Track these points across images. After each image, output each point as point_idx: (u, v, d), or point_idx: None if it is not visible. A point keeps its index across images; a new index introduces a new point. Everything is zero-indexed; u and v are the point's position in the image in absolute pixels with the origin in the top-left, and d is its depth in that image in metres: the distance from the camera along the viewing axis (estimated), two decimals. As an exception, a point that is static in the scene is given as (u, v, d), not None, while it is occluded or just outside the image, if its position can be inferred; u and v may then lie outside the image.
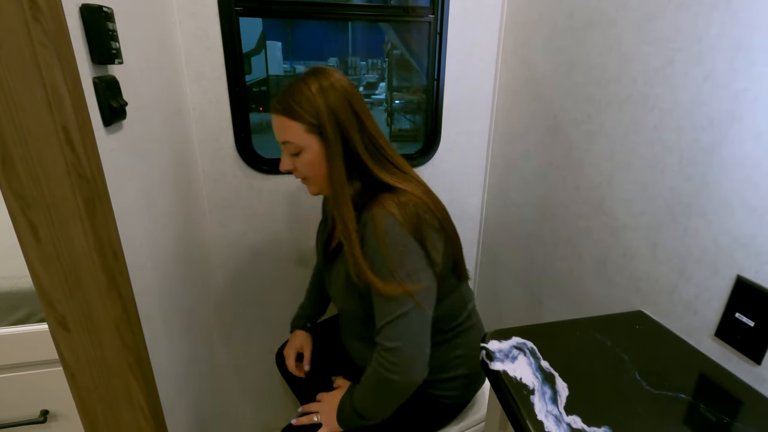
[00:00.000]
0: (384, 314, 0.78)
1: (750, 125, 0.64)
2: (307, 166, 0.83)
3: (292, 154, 0.84)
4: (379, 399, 0.82)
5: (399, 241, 0.77)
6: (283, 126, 0.81)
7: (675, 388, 0.65)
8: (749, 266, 0.65)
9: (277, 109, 0.82)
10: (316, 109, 0.79)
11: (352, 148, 0.81)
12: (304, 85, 0.80)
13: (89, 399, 0.68)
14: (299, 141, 0.81)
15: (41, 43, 0.49)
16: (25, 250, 0.57)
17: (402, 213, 0.77)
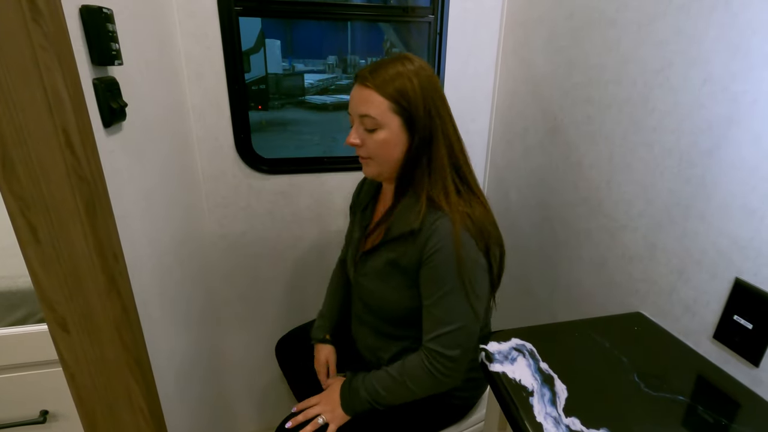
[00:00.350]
0: (445, 323, 0.79)
1: (748, 128, 0.64)
2: (380, 146, 0.81)
3: (367, 130, 0.81)
4: (416, 395, 0.84)
5: (471, 256, 0.77)
6: (368, 99, 0.78)
7: (673, 389, 0.65)
8: (748, 269, 0.65)
9: (366, 81, 0.79)
10: (411, 93, 0.77)
11: (443, 139, 0.81)
12: (401, 66, 0.79)
13: (89, 400, 0.68)
14: (381, 118, 0.78)
15: (41, 45, 0.49)
16: (25, 251, 0.57)
17: (475, 227, 0.78)
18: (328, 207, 1.40)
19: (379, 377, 0.86)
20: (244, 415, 1.61)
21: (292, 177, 1.33)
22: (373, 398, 0.85)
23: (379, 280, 0.89)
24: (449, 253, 0.77)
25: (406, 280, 0.84)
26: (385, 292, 0.88)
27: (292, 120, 1.64)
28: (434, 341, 0.80)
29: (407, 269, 0.83)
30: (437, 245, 0.77)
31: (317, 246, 1.43)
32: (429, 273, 0.80)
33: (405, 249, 0.83)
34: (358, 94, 0.80)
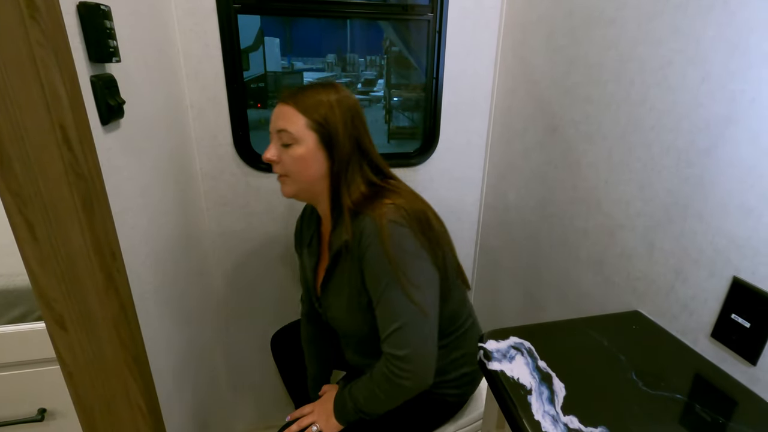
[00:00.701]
0: (390, 322, 0.78)
1: (746, 127, 0.64)
2: (295, 161, 0.82)
3: (283, 145, 0.82)
4: (388, 400, 0.82)
5: (403, 246, 0.76)
6: (286, 114, 0.81)
7: (671, 388, 0.65)
8: (745, 267, 0.65)
9: (286, 99, 0.81)
10: (326, 111, 0.80)
11: (363, 153, 0.83)
12: (320, 87, 0.82)
13: (87, 398, 0.68)
14: (297, 132, 0.80)
15: (38, 42, 0.49)
16: (22, 248, 0.57)
17: (405, 216, 0.77)
18: (327, 205, 1.39)
19: (359, 386, 0.84)
20: (243, 412, 1.61)
21: (291, 175, 1.33)
22: (359, 408, 0.84)
23: (344, 308, 0.88)
24: (377, 249, 0.76)
25: (365, 297, 0.83)
26: (353, 318, 0.87)
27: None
28: (385, 343, 0.79)
29: (357, 285, 0.82)
30: (365, 244, 0.77)
31: (316, 244, 1.43)
32: (366, 275, 0.79)
33: (346, 264, 0.83)
34: (278, 111, 0.83)
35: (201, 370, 1.20)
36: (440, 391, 0.94)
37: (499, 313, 1.47)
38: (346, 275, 0.84)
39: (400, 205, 0.78)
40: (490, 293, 1.52)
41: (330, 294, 0.91)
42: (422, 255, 0.78)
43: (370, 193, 0.82)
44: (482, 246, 1.55)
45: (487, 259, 1.53)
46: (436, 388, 0.93)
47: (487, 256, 1.52)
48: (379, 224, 0.76)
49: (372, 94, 1.98)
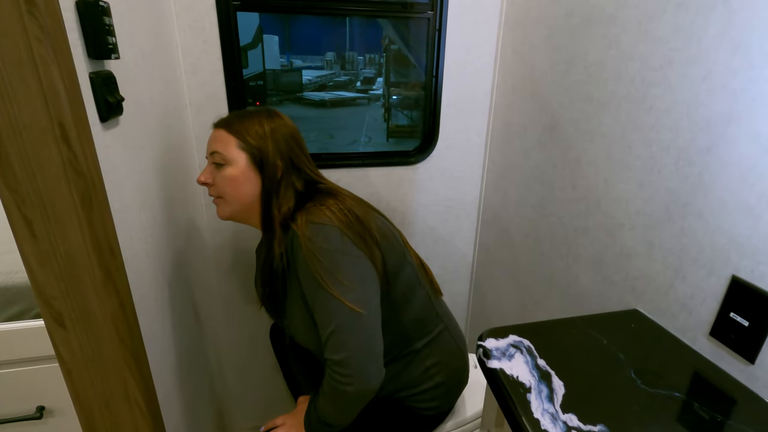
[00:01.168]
0: (325, 327, 0.75)
1: (747, 126, 0.64)
2: (228, 182, 0.83)
3: (216, 167, 0.84)
4: (339, 409, 0.79)
5: (326, 245, 0.75)
6: (218, 138, 0.84)
7: (670, 386, 0.65)
8: (744, 266, 0.66)
9: (219, 124, 0.85)
10: (256, 131, 0.83)
11: (296, 170, 0.85)
12: (254, 114, 0.85)
13: (86, 395, 0.68)
14: (228, 154, 0.82)
15: (37, 38, 0.48)
16: (21, 246, 0.57)
17: (329, 215, 0.77)
18: (326, 203, 1.39)
19: (318, 398, 0.82)
20: (241, 410, 1.61)
21: (290, 173, 1.33)
22: (322, 419, 0.81)
23: (299, 325, 0.85)
24: (303, 253, 0.75)
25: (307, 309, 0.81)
26: (309, 334, 0.84)
27: (289, 116, 1.64)
28: (325, 350, 0.75)
29: (302, 296, 0.80)
30: (295, 250, 0.77)
31: (315, 242, 1.43)
32: (300, 280, 0.78)
33: (290, 279, 0.83)
34: (212, 135, 0.86)
35: (200, 368, 1.20)
36: (415, 404, 0.91)
37: (498, 311, 1.47)
38: (291, 287, 0.84)
39: (323, 206, 0.79)
40: (489, 291, 1.52)
41: (287, 311, 0.89)
42: (351, 251, 0.76)
43: (299, 204, 0.83)
44: (481, 244, 1.56)
45: (486, 257, 1.53)
46: (411, 401, 0.91)
47: (487, 255, 1.52)
48: (302, 229, 0.76)
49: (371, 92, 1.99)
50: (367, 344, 0.75)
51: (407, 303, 0.87)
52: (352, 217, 0.80)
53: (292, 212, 0.82)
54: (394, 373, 0.89)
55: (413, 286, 0.89)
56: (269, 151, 0.83)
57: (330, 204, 0.80)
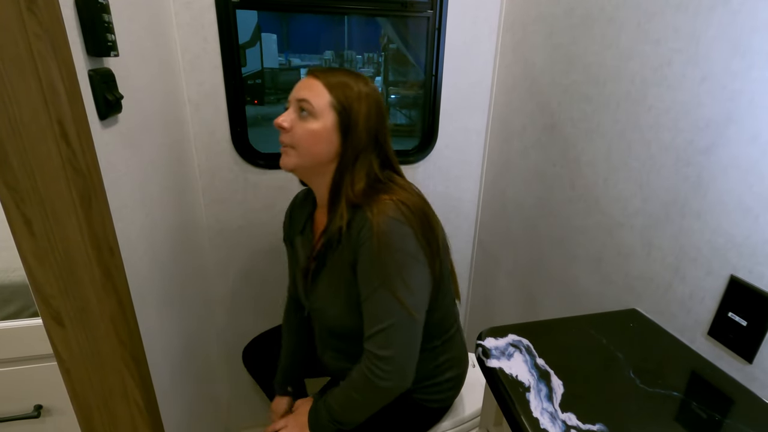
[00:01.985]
0: (376, 321, 0.76)
1: (746, 127, 0.64)
2: (308, 135, 0.79)
3: (300, 116, 0.79)
4: (366, 404, 0.80)
5: (401, 245, 0.74)
6: (312, 87, 0.78)
7: (668, 385, 0.65)
8: (743, 266, 0.66)
9: (316, 73, 0.80)
10: (352, 96, 0.78)
11: (377, 147, 0.81)
12: (352, 75, 0.81)
13: (84, 394, 0.67)
14: (318, 106, 0.78)
15: (36, 35, 0.48)
16: (20, 244, 0.56)
17: (407, 214, 0.75)
18: (325, 202, 1.39)
19: (335, 395, 0.82)
20: (240, 409, 1.61)
21: (289, 172, 1.32)
22: (333, 418, 0.81)
23: (332, 301, 0.85)
24: (373, 245, 0.74)
25: (354, 291, 0.80)
26: (341, 312, 0.85)
27: (288, 115, 1.63)
28: (369, 341, 0.77)
29: (348, 277, 0.80)
30: (363, 238, 0.75)
31: (314, 241, 1.43)
32: (359, 270, 0.77)
33: (338, 254, 0.81)
34: (305, 82, 0.80)
35: (199, 367, 1.20)
36: (423, 396, 0.92)
37: (497, 310, 1.47)
38: (338, 266, 0.82)
39: (402, 201, 0.76)
40: (488, 290, 1.52)
41: (319, 284, 0.88)
42: (420, 258, 0.76)
43: (373, 187, 0.80)
44: (480, 243, 1.56)
45: (484, 256, 1.53)
46: (419, 393, 0.92)
47: (485, 254, 1.53)
48: (378, 220, 0.74)
49: (370, 90, 2.00)
50: (413, 346, 0.78)
51: (439, 305, 0.88)
52: (425, 221, 0.79)
53: (363, 193, 0.79)
54: None
55: (447, 291, 0.90)
56: (360, 119, 0.79)
57: (407, 200, 0.78)
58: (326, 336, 0.96)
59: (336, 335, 0.93)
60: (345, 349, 0.92)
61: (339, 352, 0.94)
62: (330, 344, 0.96)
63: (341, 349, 0.93)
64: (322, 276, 0.87)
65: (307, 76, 0.81)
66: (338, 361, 0.94)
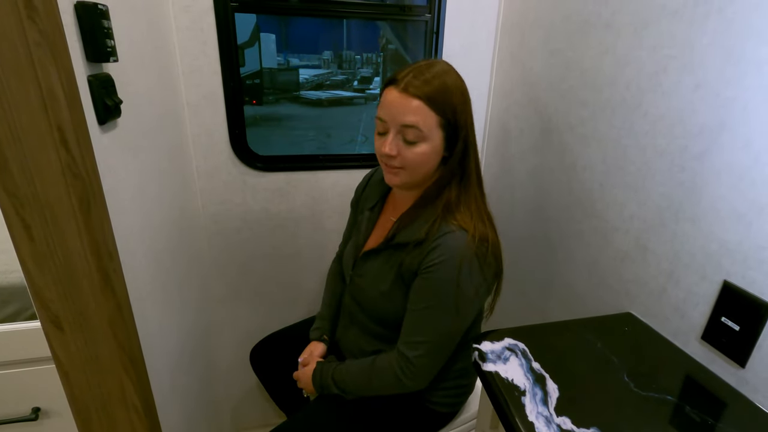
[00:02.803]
0: (418, 333, 0.81)
1: (739, 134, 0.65)
2: (419, 158, 0.77)
3: (406, 140, 0.77)
4: (379, 390, 0.87)
5: (471, 281, 0.77)
6: (416, 110, 0.74)
7: (662, 389, 0.66)
8: (736, 272, 0.67)
9: (416, 92, 0.73)
10: (455, 104, 0.76)
11: (474, 157, 0.82)
12: (450, 77, 0.76)
13: (82, 398, 0.68)
14: (428, 130, 0.75)
15: (36, 42, 0.49)
16: (19, 249, 0.57)
17: (486, 251, 0.78)
18: (324, 205, 1.40)
19: (348, 365, 0.89)
20: (239, 411, 1.62)
21: (288, 174, 1.33)
22: (338, 384, 0.88)
23: (376, 283, 0.89)
24: (450, 274, 0.76)
25: (403, 287, 0.84)
26: (381, 295, 0.88)
27: (286, 115, 1.63)
28: (407, 346, 0.82)
29: (404, 276, 0.83)
30: (440, 259, 0.77)
31: (312, 244, 1.44)
32: (422, 284, 0.80)
33: (408, 257, 0.82)
34: (404, 102, 0.74)
35: (198, 370, 1.20)
36: (434, 399, 0.94)
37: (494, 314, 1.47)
38: (396, 259, 0.84)
39: (484, 240, 0.78)
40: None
41: (369, 262, 0.91)
42: (480, 292, 0.81)
43: (474, 209, 0.82)
44: (477, 246, 1.56)
45: (481, 259, 1.54)
46: (431, 396, 0.93)
47: (482, 256, 1.53)
48: (459, 254, 0.75)
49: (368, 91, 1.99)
50: (443, 359, 0.85)
51: (474, 324, 0.92)
52: (498, 267, 0.82)
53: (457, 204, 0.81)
54: None
55: (482, 310, 0.94)
56: (462, 127, 0.77)
57: (491, 240, 0.80)
58: (355, 309, 0.98)
59: (366, 313, 0.95)
60: (368, 327, 0.95)
61: (361, 328, 0.97)
62: (356, 319, 0.98)
63: (364, 326, 0.96)
64: (376, 259, 0.90)
65: (400, 91, 0.74)
66: (360, 339, 0.97)
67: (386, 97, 0.77)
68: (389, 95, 0.76)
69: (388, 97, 0.77)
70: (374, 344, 0.94)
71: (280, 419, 1.61)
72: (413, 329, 0.81)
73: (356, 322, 0.98)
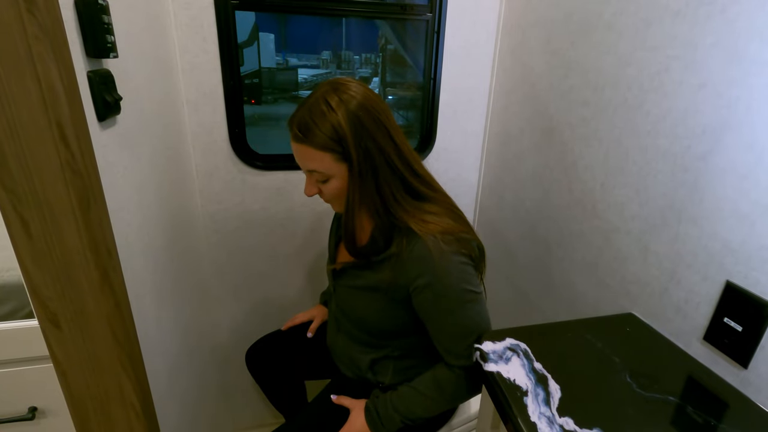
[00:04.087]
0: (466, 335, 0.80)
1: (743, 134, 0.65)
2: (336, 192, 0.81)
3: (319, 181, 0.81)
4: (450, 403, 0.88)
5: (459, 270, 0.79)
6: (308, 155, 0.76)
7: (664, 390, 0.66)
8: (738, 272, 0.66)
9: (299, 137, 0.76)
10: (338, 131, 0.73)
11: (386, 164, 0.77)
12: (323, 104, 0.74)
13: (80, 397, 0.67)
14: (328, 171, 0.77)
15: (36, 37, 0.48)
16: (17, 246, 0.56)
17: (454, 239, 0.78)
18: (323, 204, 1.38)
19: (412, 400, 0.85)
20: (237, 411, 1.61)
21: (288, 173, 1.32)
22: (406, 417, 0.84)
23: (357, 297, 0.89)
24: (440, 285, 0.77)
25: (389, 301, 0.84)
26: (365, 309, 0.88)
27: (285, 115, 1.63)
28: (459, 358, 0.81)
29: (388, 292, 0.83)
30: (425, 278, 0.77)
31: (311, 243, 1.43)
32: (425, 304, 0.80)
33: (383, 274, 0.82)
34: (298, 150, 0.78)
35: (196, 368, 1.20)
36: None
37: (494, 312, 1.47)
38: (373, 281, 0.84)
39: (449, 227, 0.79)
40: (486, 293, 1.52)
41: (346, 281, 0.91)
42: (472, 268, 0.82)
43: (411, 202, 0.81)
44: (477, 246, 1.56)
45: (481, 259, 1.54)
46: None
47: (482, 257, 1.53)
48: (436, 257, 0.76)
49: (367, 92, 2.00)
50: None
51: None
52: (467, 233, 0.82)
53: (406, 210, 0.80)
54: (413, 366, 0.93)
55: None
56: (354, 152, 0.74)
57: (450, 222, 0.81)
58: (343, 319, 0.98)
59: (351, 321, 0.95)
60: (356, 336, 0.95)
61: (351, 338, 0.96)
62: (343, 327, 0.98)
63: (352, 335, 0.96)
64: (348, 277, 0.91)
65: (293, 140, 0.78)
66: (349, 348, 0.97)
67: (292, 146, 0.80)
68: (291, 144, 0.80)
69: (292, 145, 0.80)
70: (364, 351, 0.94)
71: (276, 419, 1.61)
72: (460, 336, 0.80)
73: (343, 329, 0.98)
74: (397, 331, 0.90)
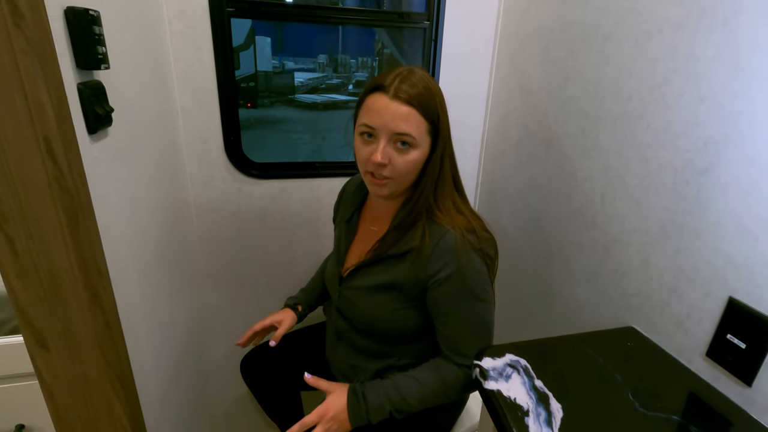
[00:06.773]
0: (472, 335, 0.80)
1: (745, 148, 0.64)
2: (410, 166, 0.77)
3: (397, 148, 0.75)
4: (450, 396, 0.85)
5: (479, 271, 0.78)
6: (411, 119, 0.74)
7: (667, 408, 0.65)
8: (741, 288, 0.65)
9: (408, 99, 0.73)
10: (437, 109, 0.77)
11: (452, 152, 0.83)
12: (428, 80, 0.77)
13: (68, 418, 0.65)
14: (420, 137, 0.75)
15: (23, 51, 0.46)
16: (2, 263, 0.54)
17: (479, 241, 0.79)
18: (319, 212, 1.37)
19: (409, 389, 0.80)
20: (231, 421, 1.58)
21: (283, 182, 1.31)
22: (396, 407, 0.79)
23: (369, 297, 0.86)
24: (459, 278, 0.77)
25: (402, 300, 0.82)
26: (377, 310, 0.85)
27: (281, 118, 1.61)
28: (462, 357, 0.81)
29: (404, 289, 0.81)
30: (446, 271, 0.77)
31: (308, 252, 1.41)
32: (441, 298, 0.79)
33: (402, 269, 0.81)
34: (395, 109, 0.73)
35: (188, 383, 1.17)
36: (435, 413, 0.90)
37: (491, 322, 1.46)
38: (392, 273, 0.82)
39: (478, 229, 0.80)
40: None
41: (360, 281, 0.88)
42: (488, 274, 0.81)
43: (451, 206, 0.82)
44: (474, 255, 1.55)
45: (479, 267, 1.52)
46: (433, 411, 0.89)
47: (480, 265, 1.52)
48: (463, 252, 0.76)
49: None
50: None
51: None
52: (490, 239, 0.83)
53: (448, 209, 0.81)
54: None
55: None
56: (446, 132, 0.80)
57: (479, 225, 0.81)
58: (342, 327, 0.94)
59: (355, 328, 0.91)
60: (359, 344, 0.92)
61: (352, 347, 0.93)
62: (344, 337, 0.95)
63: (355, 344, 0.93)
64: (365, 274, 0.88)
65: (392, 98, 0.73)
66: (349, 357, 0.94)
67: (374, 104, 0.75)
68: (378, 102, 0.75)
69: (377, 104, 0.75)
70: (368, 361, 0.91)
71: (271, 430, 1.58)
72: (469, 335, 0.80)
73: (344, 338, 0.95)
74: (406, 335, 0.87)
